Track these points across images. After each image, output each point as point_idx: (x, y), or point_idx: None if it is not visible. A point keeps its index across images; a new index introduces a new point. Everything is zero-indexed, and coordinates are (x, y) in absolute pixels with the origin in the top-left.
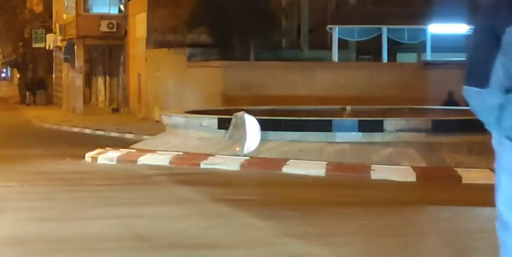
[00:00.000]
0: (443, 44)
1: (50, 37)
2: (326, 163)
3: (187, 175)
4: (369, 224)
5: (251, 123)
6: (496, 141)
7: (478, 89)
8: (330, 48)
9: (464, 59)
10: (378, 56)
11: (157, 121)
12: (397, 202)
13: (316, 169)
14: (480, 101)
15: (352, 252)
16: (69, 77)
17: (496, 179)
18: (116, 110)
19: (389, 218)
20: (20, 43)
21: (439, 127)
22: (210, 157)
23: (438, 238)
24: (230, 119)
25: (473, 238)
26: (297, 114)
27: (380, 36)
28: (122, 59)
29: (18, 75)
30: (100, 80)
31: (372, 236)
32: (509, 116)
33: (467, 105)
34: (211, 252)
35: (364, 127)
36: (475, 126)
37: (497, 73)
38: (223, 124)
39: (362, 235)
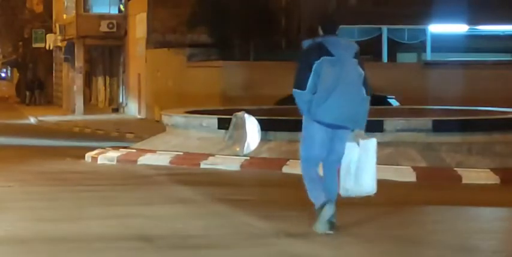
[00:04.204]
0: (443, 44)
1: (50, 37)
2: None
3: (187, 175)
4: (368, 224)
5: (251, 123)
6: (305, 119)
7: (300, 91)
8: None
9: (463, 59)
10: (378, 56)
11: (157, 121)
12: (397, 202)
13: None
14: (301, 97)
15: (352, 252)
16: (69, 77)
17: (302, 137)
18: (116, 110)
19: (389, 218)
20: (20, 43)
21: (439, 127)
22: (210, 157)
23: (438, 238)
24: (230, 119)
25: (473, 238)
26: (297, 114)
27: (380, 36)
28: (122, 59)
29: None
30: (100, 80)
31: (372, 236)
32: (313, 106)
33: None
34: (211, 252)
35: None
36: (475, 126)
37: (310, 84)
38: (223, 124)
39: (362, 235)
